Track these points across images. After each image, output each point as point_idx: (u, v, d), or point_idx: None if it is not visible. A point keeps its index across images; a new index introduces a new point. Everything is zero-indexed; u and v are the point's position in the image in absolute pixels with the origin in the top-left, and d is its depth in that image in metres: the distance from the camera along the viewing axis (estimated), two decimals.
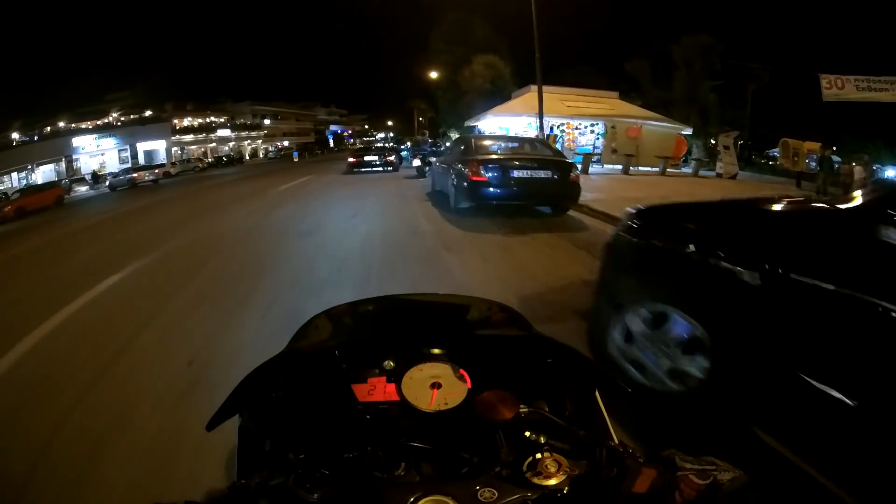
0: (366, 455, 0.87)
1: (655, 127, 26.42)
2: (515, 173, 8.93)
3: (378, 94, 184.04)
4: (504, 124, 26.57)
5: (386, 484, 0.84)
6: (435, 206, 11.31)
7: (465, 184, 9.07)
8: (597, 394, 1.12)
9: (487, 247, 7.22)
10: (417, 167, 19.78)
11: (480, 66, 38.56)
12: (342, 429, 0.98)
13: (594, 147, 25.69)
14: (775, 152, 34.42)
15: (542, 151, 10.27)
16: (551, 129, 24.27)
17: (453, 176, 9.91)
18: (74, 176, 45.58)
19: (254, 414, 1.08)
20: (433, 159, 16.96)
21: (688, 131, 27.65)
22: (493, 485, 0.80)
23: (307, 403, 1.07)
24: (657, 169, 21.70)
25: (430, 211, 10.75)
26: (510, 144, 10.66)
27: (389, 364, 1.11)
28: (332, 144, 77.52)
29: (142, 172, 38.24)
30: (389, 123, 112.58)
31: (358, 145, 62.58)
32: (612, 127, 26.34)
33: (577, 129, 26.73)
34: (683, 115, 30.75)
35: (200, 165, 52.79)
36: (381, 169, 24.44)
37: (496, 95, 35.12)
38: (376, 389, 1.07)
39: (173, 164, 49.91)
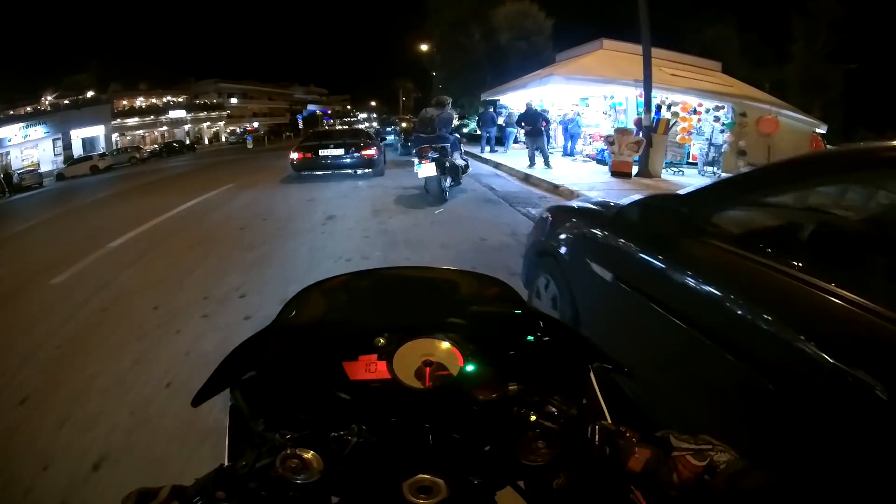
0: (355, 434, 0.81)
1: (787, 120, 15.97)
2: None
3: (361, 74, 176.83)
4: (565, 93, 18.46)
5: (375, 463, 0.82)
6: None
7: None
8: (591, 373, 1.07)
9: None
10: (430, 178, 10.02)
11: (511, 13, 29.09)
12: (331, 407, 0.97)
13: (709, 143, 14.97)
14: None
15: None
16: (658, 109, 14.20)
17: None
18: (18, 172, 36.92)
19: (244, 392, 1.03)
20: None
21: (822, 129, 17.78)
22: (483, 464, 0.81)
23: (296, 381, 1.02)
24: None
25: None
26: None
27: (380, 341, 1.01)
28: (301, 127, 64.64)
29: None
30: (373, 104, 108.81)
31: (325, 128, 45.47)
32: (743, 115, 15.37)
33: (695, 112, 15.93)
34: (801, 104, 20.69)
35: (138, 156, 43.62)
36: (350, 171, 15.05)
37: (532, 58, 26.38)
38: (367, 367, 1.05)
39: (102, 155, 40.89)
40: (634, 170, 12.52)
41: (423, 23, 38.85)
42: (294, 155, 15.13)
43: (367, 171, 14.78)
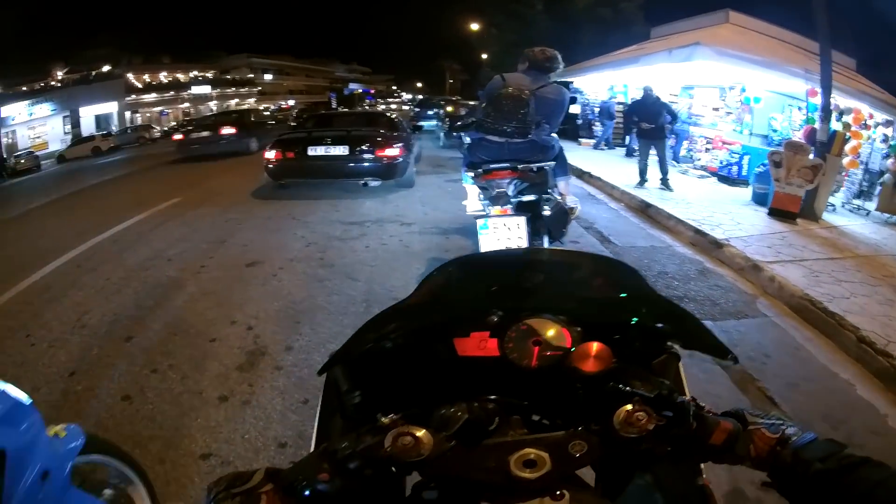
0: (465, 410, 0.81)
1: None
2: None
3: (406, 54, 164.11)
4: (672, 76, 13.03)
5: (482, 440, 0.82)
6: None
7: None
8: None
9: None
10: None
11: None
12: (438, 384, 0.96)
13: (865, 169, 9.37)
14: None
15: None
16: (840, 116, 9.27)
17: None
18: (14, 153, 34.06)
19: (349, 367, 1.03)
20: None
21: None
22: (584, 437, 0.82)
23: (406, 357, 1.02)
24: None
25: None
26: None
27: (494, 318, 0.99)
28: (334, 105, 50.50)
29: None
30: (419, 85, 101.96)
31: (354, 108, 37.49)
32: None
33: (865, 126, 9.86)
34: None
35: (147, 136, 39.32)
36: (358, 180, 9.49)
37: (617, 31, 22.07)
38: (479, 343, 1.02)
39: (106, 135, 37.09)
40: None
41: None
42: (270, 154, 9.73)
43: (374, 181, 9.38)
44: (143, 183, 14.53)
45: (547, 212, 4.57)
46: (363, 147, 9.30)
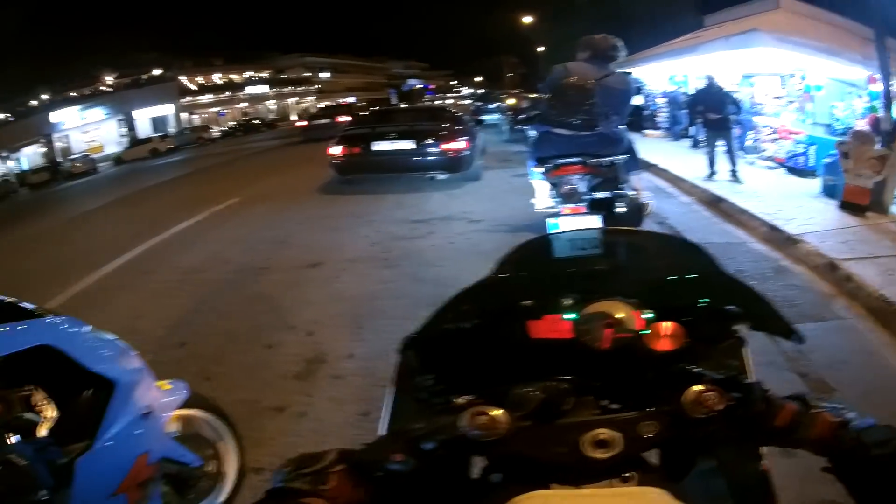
0: (541, 391, 0.84)
1: None
2: None
3: (463, 49, 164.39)
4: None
5: (557, 419, 0.84)
6: None
7: None
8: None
9: None
10: None
11: None
12: (512, 366, 0.97)
13: None
14: None
15: None
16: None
17: None
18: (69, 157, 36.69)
19: (421, 350, 1.07)
20: None
21: None
22: (655, 417, 0.83)
23: (480, 339, 1.05)
24: None
25: None
26: None
27: (566, 301, 1.04)
28: (394, 101, 50.61)
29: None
30: (478, 79, 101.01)
31: (397, 105, 35.39)
32: None
33: None
34: None
35: (206, 136, 40.63)
36: (423, 174, 9.59)
37: (667, 20, 21.11)
38: (552, 325, 1.05)
39: (164, 137, 38.52)
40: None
41: None
42: (335, 150, 9.87)
43: (440, 173, 9.38)
44: (201, 183, 14.72)
45: (621, 209, 4.37)
46: (428, 141, 9.40)
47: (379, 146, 9.54)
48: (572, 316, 0.99)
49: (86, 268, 6.24)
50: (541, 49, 37.73)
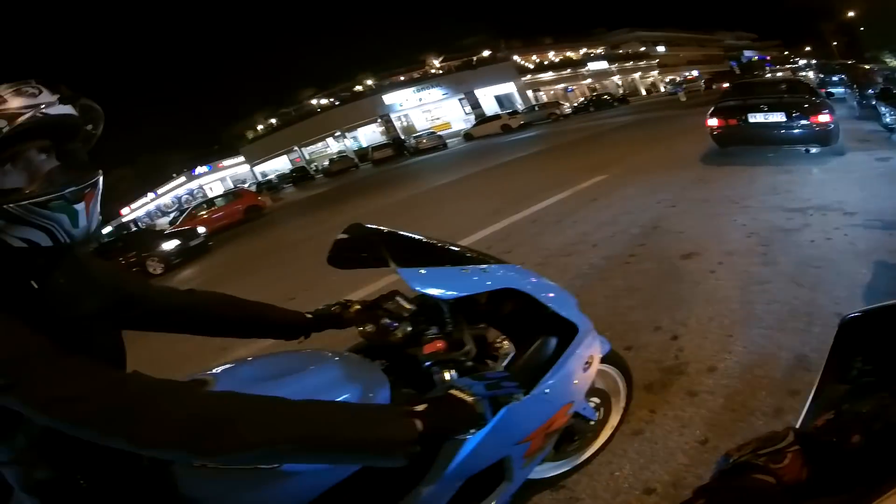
0: None
1: None
2: None
3: (791, 16, 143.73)
4: None
5: None
6: None
7: None
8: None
9: None
10: None
11: None
12: None
13: None
14: None
15: None
16: None
17: None
18: (414, 135, 41.64)
19: (857, 332, 1.04)
20: None
21: None
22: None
23: None
24: None
25: None
26: None
27: None
28: (737, 73, 50.18)
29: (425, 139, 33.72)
30: (807, 49, 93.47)
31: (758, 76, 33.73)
32: None
33: None
34: None
35: (558, 112, 40.05)
36: (795, 147, 9.43)
37: None
38: None
39: (512, 113, 39.21)
40: None
41: None
42: (713, 121, 10.10)
43: (811, 147, 9.08)
44: (559, 159, 14.74)
45: None
46: (797, 113, 9.21)
47: (755, 118, 9.55)
48: None
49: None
50: (850, 14, 34.99)
